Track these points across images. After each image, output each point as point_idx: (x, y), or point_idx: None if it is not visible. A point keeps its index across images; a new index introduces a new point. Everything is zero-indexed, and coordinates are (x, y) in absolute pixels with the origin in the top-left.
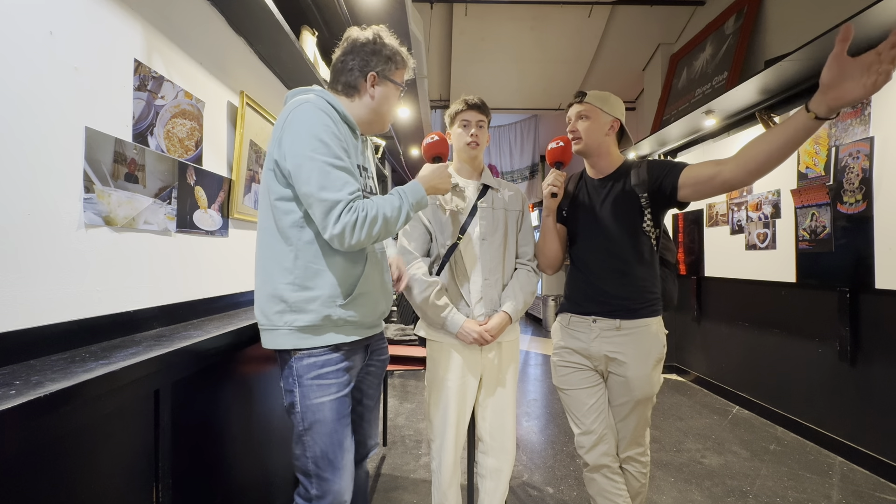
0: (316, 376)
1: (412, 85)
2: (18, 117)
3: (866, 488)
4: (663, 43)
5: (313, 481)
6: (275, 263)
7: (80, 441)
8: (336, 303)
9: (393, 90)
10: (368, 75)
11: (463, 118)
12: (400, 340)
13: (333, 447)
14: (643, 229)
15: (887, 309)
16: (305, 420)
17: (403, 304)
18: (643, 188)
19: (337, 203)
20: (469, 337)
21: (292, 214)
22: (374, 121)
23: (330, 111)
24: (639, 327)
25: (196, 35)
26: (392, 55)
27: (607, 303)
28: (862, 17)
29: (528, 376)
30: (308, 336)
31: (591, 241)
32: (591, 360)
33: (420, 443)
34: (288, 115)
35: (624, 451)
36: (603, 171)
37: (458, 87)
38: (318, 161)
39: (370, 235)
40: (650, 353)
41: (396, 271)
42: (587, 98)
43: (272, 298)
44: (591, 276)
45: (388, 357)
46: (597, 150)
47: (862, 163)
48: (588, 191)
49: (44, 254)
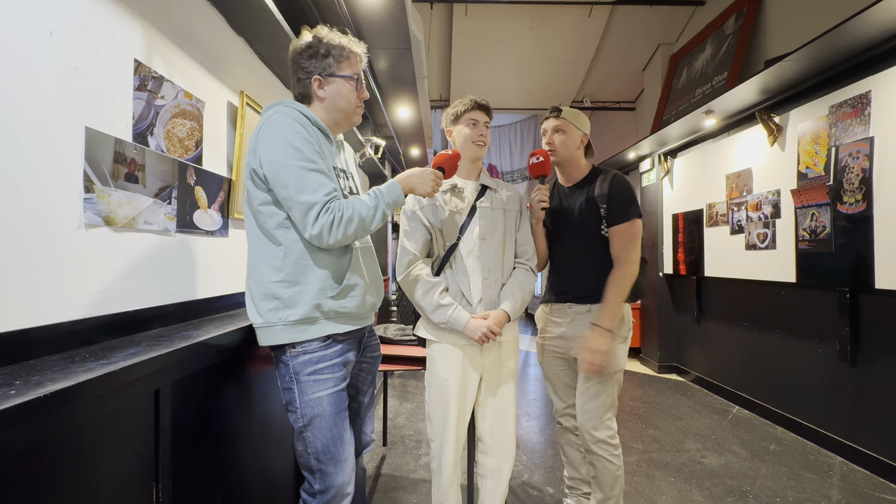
0: (312, 371)
1: (412, 85)
2: (18, 117)
3: (866, 488)
4: (663, 43)
5: (316, 476)
6: (265, 263)
7: (80, 441)
8: (327, 294)
9: (342, 84)
10: (312, 80)
11: (471, 117)
12: (400, 340)
13: (334, 440)
14: (602, 233)
15: (887, 309)
16: (305, 416)
17: (403, 304)
18: (603, 200)
19: (314, 205)
20: (476, 333)
21: (276, 217)
22: (338, 119)
23: (300, 118)
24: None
25: (196, 35)
26: (329, 51)
27: (578, 292)
28: (862, 17)
29: (528, 376)
30: (303, 328)
31: (563, 240)
32: (567, 342)
33: (420, 443)
34: (261, 125)
35: (592, 430)
36: (573, 180)
37: (458, 87)
38: (292, 166)
39: (346, 235)
40: (616, 330)
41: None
42: (563, 114)
43: (265, 297)
44: (564, 270)
45: (380, 354)
46: (569, 162)
47: (862, 163)
48: (560, 197)
49: (44, 254)
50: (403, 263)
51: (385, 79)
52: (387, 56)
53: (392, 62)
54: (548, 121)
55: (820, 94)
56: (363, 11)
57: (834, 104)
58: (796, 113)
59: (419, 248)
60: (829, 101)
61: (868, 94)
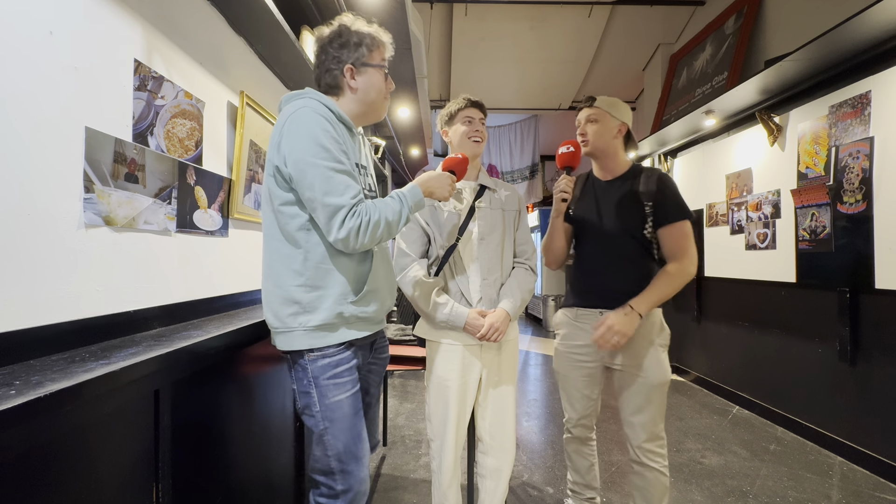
0: (332, 376)
1: (412, 85)
2: (18, 117)
3: (866, 488)
4: (663, 43)
5: (337, 477)
6: (284, 267)
7: (80, 441)
8: (347, 300)
9: (374, 74)
10: (345, 69)
11: (466, 115)
12: (400, 340)
13: (355, 440)
14: (644, 234)
15: (887, 309)
16: (325, 419)
17: (403, 304)
18: (649, 197)
19: (340, 208)
20: (477, 330)
21: (298, 218)
22: (367, 112)
23: (327, 114)
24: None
25: (196, 35)
26: (360, 40)
27: (611, 296)
28: (862, 17)
29: (528, 376)
30: (323, 334)
31: (596, 239)
32: (599, 352)
33: (420, 443)
34: (286, 120)
35: (644, 443)
36: (612, 173)
37: (458, 87)
38: (320, 167)
39: (374, 239)
40: (657, 338)
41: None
42: (597, 102)
43: (285, 301)
44: (596, 272)
45: (388, 355)
46: (604, 153)
47: (862, 163)
48: (595, 192)
49: (44, 254)
50: (400, 265)
51: None
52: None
53: (392, 62)
54: (581, 111)
55: (820, 94)
56: (363, 11)
57: (834, 104)
58: (796, 113)
59: (416, 250)
60: (829, 101)
61: (868, 94)
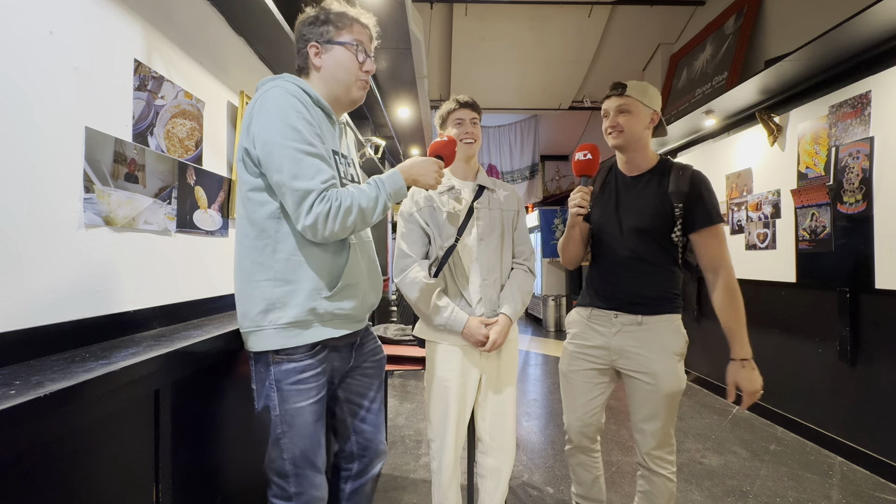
0: (295, 381)
1: (412, 85)
2: (19, 117)
3: (866, 488)
4: (663, 43)
5: (291, 480)
6: (252, 260)
7: (80, 441)
8: (321, 295)
9: (342, 52)
10: (309, 47)
11: (457, 117)
12: (400, 340)
13: (313, 447)
14: (671, 237)
15: (887, 309)
16: (284, 423)
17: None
18: (679, 198)
19: (309, 192)
20: (474, 338)
21: (268, 206)
22: (337, 94)
23: (301, 95)
24: (660, 322)
25: (196, 35)
26: (328, 18)
27: (629, 299)
28: (862, 17)
29: (528, 376)
30: (296, 332)
31: (616, 237)
32: (610, 354)
33: (420, 443)
34: (256, 100)
35: (653, 450)
36: (638, 168)
37: (458, 87)
38: (289, 148)
39: (344, 226)
40: (672, 345)
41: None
42: (628, 90)
43: (253, 298)
44: (614, 273)
45: (384, 357)
46: (635, 145)
47: (862, 163)
48: (618, 186)
49: (44, 254)
50: (400, 266)
51: (385, 79)
52: (387, 56)
53: (392, 62)
54: (609, 100)
55: (820, 94)
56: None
57: (834, 104)
58: (796, 113)
59: (416, 251)
60: (829, 101)
61: (868, 94)
